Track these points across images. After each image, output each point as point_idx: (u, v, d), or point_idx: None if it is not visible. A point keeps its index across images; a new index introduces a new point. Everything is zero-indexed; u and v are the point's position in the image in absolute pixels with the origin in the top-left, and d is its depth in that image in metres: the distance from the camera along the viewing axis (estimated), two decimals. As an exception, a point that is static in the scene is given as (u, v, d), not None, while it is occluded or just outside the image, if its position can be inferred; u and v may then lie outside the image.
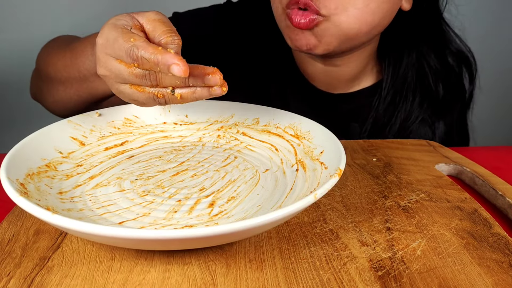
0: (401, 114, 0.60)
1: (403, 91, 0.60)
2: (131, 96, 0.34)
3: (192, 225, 0.30)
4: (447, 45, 0.62)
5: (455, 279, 0.27)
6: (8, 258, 0.28)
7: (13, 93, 1.22)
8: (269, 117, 0.44)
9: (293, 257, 0.29)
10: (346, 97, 0.61)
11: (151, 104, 0.35)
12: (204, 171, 0.38)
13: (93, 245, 0.30)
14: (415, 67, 0.60)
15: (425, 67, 0.60)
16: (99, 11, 1.19)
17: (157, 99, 0.33)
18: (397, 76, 0.60)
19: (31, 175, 0.32)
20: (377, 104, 0.60)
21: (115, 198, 0.33)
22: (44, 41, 0.58)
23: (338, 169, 0.31)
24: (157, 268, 0.28)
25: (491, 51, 1.29)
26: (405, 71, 0.60)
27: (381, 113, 0.60)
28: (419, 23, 0.59)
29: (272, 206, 0.33)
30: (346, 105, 0.61)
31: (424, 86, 0.60)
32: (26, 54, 1.24)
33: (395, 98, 0.60)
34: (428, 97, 0.60)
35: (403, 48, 0.60)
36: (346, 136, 0.60)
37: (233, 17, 0.65)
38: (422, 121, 0.60)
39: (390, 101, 0.60)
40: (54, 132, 0.38)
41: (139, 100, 0.34)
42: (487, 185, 0.40)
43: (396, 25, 0.56)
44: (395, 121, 0.60)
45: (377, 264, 0.28)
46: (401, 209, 0.36)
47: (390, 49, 0.60)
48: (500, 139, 1.34)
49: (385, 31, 0.56)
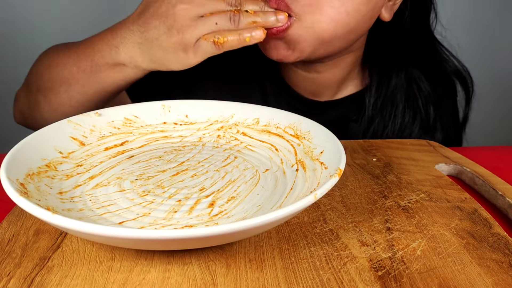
0: (392, 127, 0.58)
1: (392, 112, 0.58)
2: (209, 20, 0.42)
3: (192, 225, 0.30)
4: (442, 66, 0.60)
5: (455, 279, 0.27)
6: (8, 258, 0.28)
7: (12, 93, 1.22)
8: (269, 117, 0.44)
9: (293, 257, 0.29)
10: (332, 104, 0.61)
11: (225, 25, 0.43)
12: (204, 171, 0.38)
13: (93, 245, 0.30)
14: (403, 88, 0.59)
15: (415, 90, 0.59)
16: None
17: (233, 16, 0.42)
18: (385, 96, 0.58)
19: (31, 175, 0.32)
20: (361, 121, 0.59)
21: (115, 198, 0.33)
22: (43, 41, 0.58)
23: (338, 169, 0.31)
24: (157, 268, 0.28)
25: (491, 51, 1.29)
26: (393, 92, 0.58)
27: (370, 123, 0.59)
28: (408, 42, 0.58)
29: (272, 206, 0.33)
30: (333, 112, 0.61)
31: (413, 109, 0.59)
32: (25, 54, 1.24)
33: (383, 109, 0.58)
34: (419, 118, 0.59)
35: (392, 67, 0.58)
36: (345, 137, 0.60)
37: None
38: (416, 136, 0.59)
39: (379, 111, 0.59)
40: (54, 132, 0.38)
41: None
42: (487, 185, 0.40)
43: (381, 39, 0.56)
44: (387, 132, 0.59)
45: (377, 264, 0.28)
46: (401, 209, 0.36)
47: (378, 65, 0.59)
48: (500, 139, 1.34)
49: (371, 44, 0.55)
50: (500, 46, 1.34)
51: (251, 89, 0.63)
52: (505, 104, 1.36)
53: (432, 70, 0.61)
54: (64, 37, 0.62)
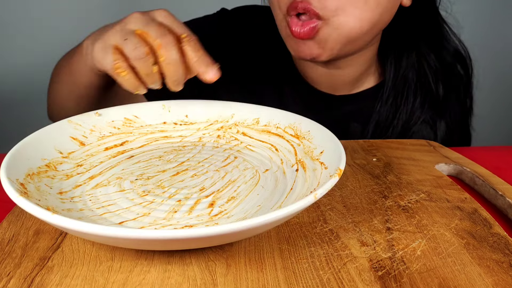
0: (403, 115, 0.59)
1: (404, 92, 0.59)
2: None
3: (192, 225, 0.30)
4: (444, 44, 0.61)
5: (455, 279, 0.27)
6: (8, 258, 0.28)
7: (12, 93, 1.22)
8: (269, 117, 0.44)
9: (293, 257, 0.29)
10: (349, 98, 0.61)
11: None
12: (204, 171, 0.38)
13: (93, 245, 0.30)
14: (415, 68, 0.60)
15: (425, 67, 0.60)
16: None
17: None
18: (398, 77, 0.60)
19: (31, 175, 0.32)
20: (379, 106, 0.60)
21: (115, 198, 0.33)
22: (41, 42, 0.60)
23: (338, 169, 0.31)
24: (157, 268, 0.28)
25: (491, 51, 1.29)
26: (405, 71, 0.60)
27: (383, 115, 0.60)
28: (417, 20, 0.58)
29: (272, 206, 0.33)
30: (349, 107, 0.61)
31: (425, 87, 0.60)
32: (25, 55, 1.25)
33: (397, 99, 0.60)
34: (429, 97, 0.60)
35: (403, 49, 0.59)
36: (346, 137, 0.60)
37: (237, 21, 0.66)
38: (424, 122, 0.60)
39: (391, 103, 0.60)
40: (54, 132, 0.38)
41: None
42: (487, 185, 0.40)
43: (396, 22, 0.56)
44: (397, 123, 0.59)
45: (377, 264, 0.28)
46: (401, 209, 0.36)
47: (390, 49, 0.60)
48: (500, 139, 1.34)
49: (385, 30, 0.55)
50: (501, 45, 1.34)
51: (267, 88, 0.63)
52: (505, 104, 1.36)
53: (439, 47, 0.61)
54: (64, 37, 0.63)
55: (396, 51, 0.60)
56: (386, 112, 0.60)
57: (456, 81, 0.63)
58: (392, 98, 0.60)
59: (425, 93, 0.60)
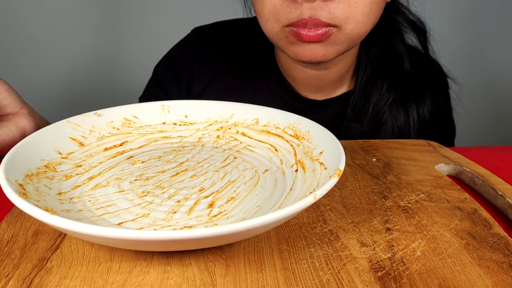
0: (373, 98, 0.61)
1: (373, 77, 0.61)
2: None
3: (192, 225, 0.30)
4: (402, 20, 0.63)
5: (455, 279, 0.27)
6: (7, 259, 0.28)
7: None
8: (268, 117, 0.44)
9: (292, 258, 0.29)
10: (329, 102, 0.63)
11: None
12: (203, 172, 0.38)
13: (92, 246, 0.30)
14: (380, 52, 0.62)
15: (391, 50, 0.62)
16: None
17: None
18: (368, 63, 0.62)
19: (30, 175, 0.32)
20: (354, 97, 0.62)
21: (114, 199, 0.33)
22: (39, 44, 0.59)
23: (337, 170, 0.31)
24: (156, 269, 0.28)
25: (491, 50, 1.29)
26: (373, 58, 0.62)
27: (359, 102, 0.62)
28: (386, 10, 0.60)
29: (272, 207, 0.32)
30: (331, 110, 0.63)
31: (392, 70, 0.62)
32: (25, 54, 1.25)
33: (367, 86, 0.62)
34: (397, 80, 0.62)
35: (372, 36, 0.61)
36: (344, 137, 0.60)
37: (214, 36, 0.68)
38: (394, 103, 0.61)
39: (363, 89, 0.62)
40: (53, 133, 0.38)
41: None
42: (487, 185, 0.40)
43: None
44: (369, 107, 0.61)
45: (377, 265, 0.28)
46: (401, 210, 0.35)
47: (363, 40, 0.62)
48: (500, 139, 1.34)
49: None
50: (501, 45, 1.34)
51: (247, 88, 0.64)
52: (505, 104, 1.36)
53: (400, 29, 0.63)
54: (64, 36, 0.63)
55: (366, 40, 0.61)
56: (359, 98, 0.62)
57: (425, 60, 0.65)
58: (363, 85, 0.62)
59: (393, 76, 0.62)
